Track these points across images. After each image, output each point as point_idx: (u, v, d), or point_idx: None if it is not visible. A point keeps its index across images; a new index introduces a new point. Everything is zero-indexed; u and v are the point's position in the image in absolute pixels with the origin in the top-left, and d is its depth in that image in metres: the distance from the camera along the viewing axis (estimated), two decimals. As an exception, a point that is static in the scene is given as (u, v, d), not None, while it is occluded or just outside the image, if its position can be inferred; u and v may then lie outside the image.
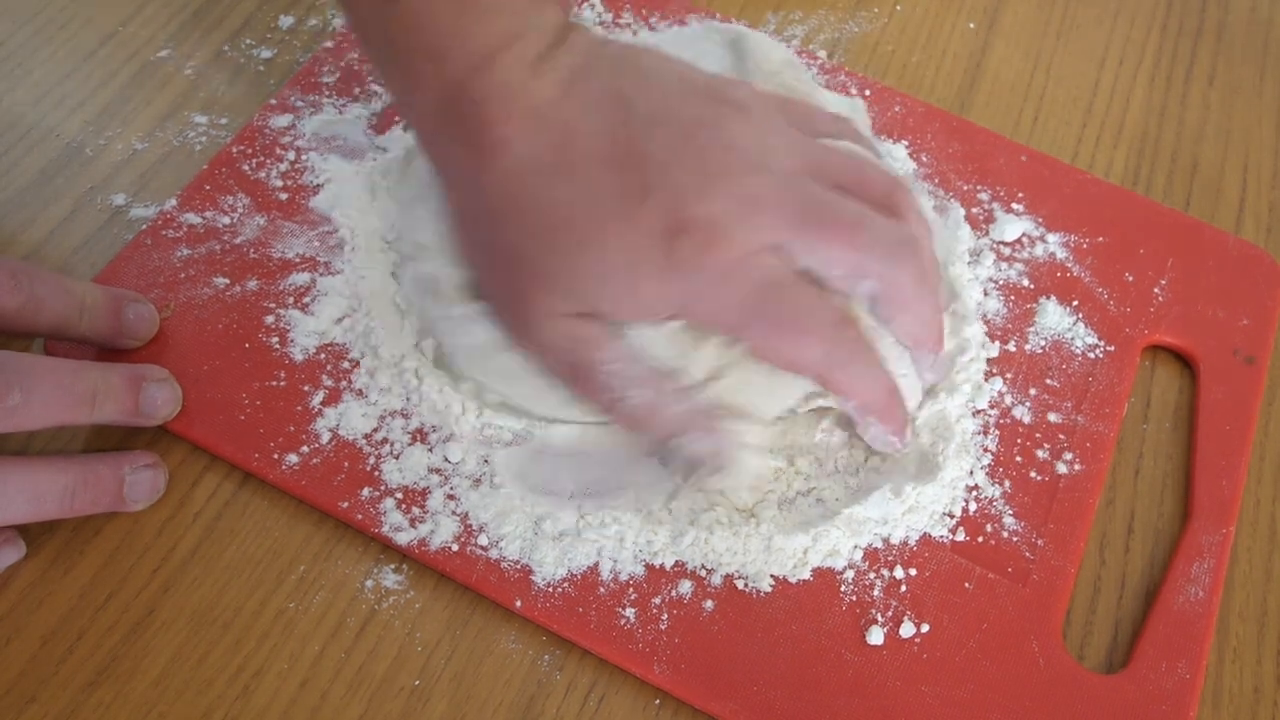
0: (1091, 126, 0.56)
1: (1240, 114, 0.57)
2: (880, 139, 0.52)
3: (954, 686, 0.39)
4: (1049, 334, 0.47)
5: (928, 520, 0.42)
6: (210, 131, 0.50)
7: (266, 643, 0.39)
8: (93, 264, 0.46)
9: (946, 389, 0.45)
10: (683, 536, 0.40)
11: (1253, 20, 0.61)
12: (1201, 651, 0.41)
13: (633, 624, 0.39)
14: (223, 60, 0.52)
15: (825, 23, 0.58)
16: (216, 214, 0.47)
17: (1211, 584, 0.42)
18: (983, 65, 0.58)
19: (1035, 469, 0.44)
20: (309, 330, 0.44)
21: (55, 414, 0.37)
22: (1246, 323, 0.49)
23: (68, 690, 0.37)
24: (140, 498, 0.40)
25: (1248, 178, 0.55)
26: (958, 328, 0.46)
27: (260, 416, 0.42)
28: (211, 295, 0.44)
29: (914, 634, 0.40)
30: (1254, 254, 0.51)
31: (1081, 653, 0.42)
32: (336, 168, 0.48)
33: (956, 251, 0.49)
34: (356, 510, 0.40)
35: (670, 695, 0.39)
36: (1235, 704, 0.41)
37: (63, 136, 0.49)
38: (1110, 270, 0.49)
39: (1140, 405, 0.47)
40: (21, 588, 0.39)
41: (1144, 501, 0.45)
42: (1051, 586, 0.41)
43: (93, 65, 0.52)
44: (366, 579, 0.40)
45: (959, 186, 0.51)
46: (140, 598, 0.39)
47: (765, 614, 0.40)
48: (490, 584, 0.39)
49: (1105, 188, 0.52)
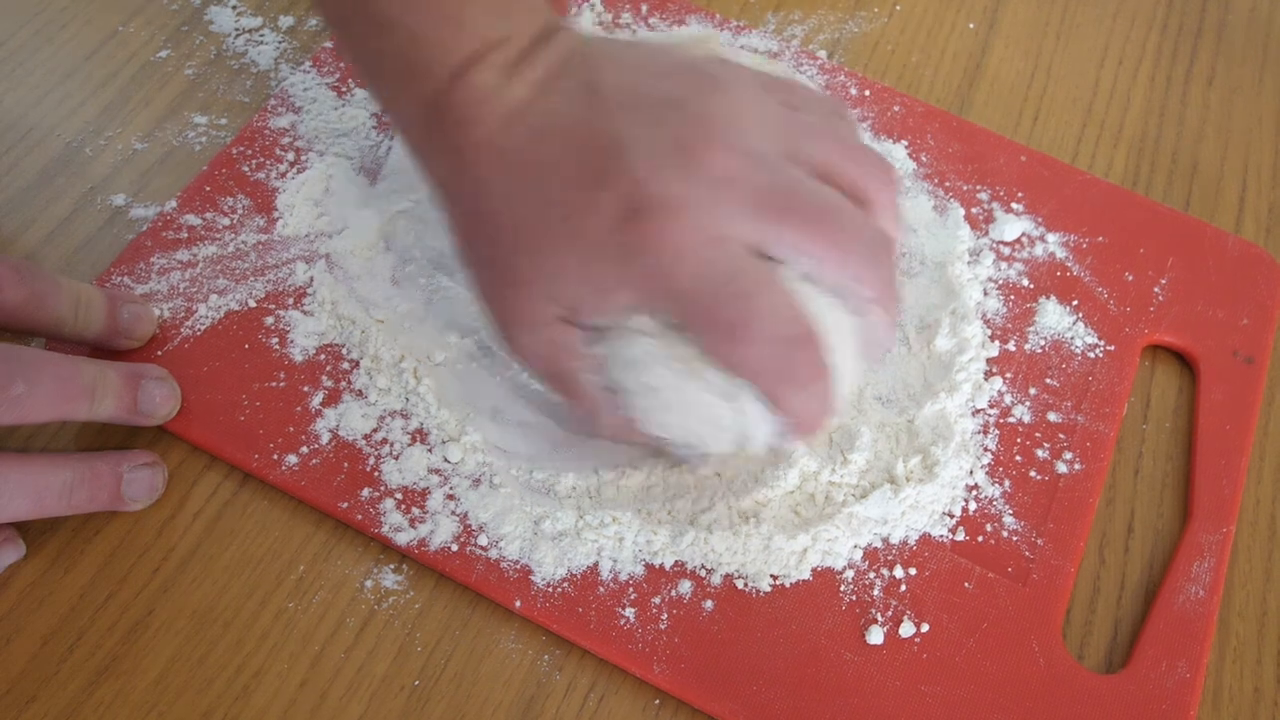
0: (1091, 126, 0.56)
1: (1240, 114, 0.57)
2: (880, 139, 0.52)
3: (954, 686, 0.39)
4: (1049, 333, 0.47)
5: (927, 520, 0.42)
6: (210, 132, 0.50)
7: (266, 643, 0.39)
8: (93, 264, 0.46)
9: (946, 388, 0.45)
10: (682, 536, 0.40)
11: (1252, 20, 0.61)
12: (1202, 651, 0.41)
13: (632, 624, 0.39)
14: (222, 60, 0.52)
15: (825, 23, 0.58)
16: (216, 215, 0.47)
17: (1212, 583, 0.42)
18: (982, 65, 0.58)
19: (1035, 468, 0.44)
20: (309, 331, 0.44)
21: (57, 406, 0.37)
22: (1246, 323, 0.49)
23: (68, 690, 0.37)
24: (139, 496, 0.40)
25: (1247, 178, 0.55)
26: (957, 327, 0.46)
27: (260, 417, 0.42)
28: (211, 296, 0.44)
29: (914, 634, 0.40)
30: (1254, 254, 0.51)
31: (1081, 652, 0.42)
32: (337, 168, 0.48)
33: (956, 251, 0.49)
34: (356, 510, 0.40)
35: (670, 695, 0.39)
36: (1235, 704, 0.41)
37: (63, 136, 0.49)
38: (1110, 270, 0.49)
39: (1140, 405, 0.47)
40: (22, 587, 0.39)
41: (1144, 501, 0.45)
42: (1051, 586, 0.41)
43: (93, 65, 0.52)
44: (366, 579, 0.40)
45: (959, 186, 0.51)
46: (140, 598, 0.39)
47: (765, 614, 0.40)
48: (490, 584, 0.39)
49: (1105, 187, 0.52)
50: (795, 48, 0.55)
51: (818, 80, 0.54)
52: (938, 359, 0.46)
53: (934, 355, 0.46)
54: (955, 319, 0.47)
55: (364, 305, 0.45)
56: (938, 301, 0.47)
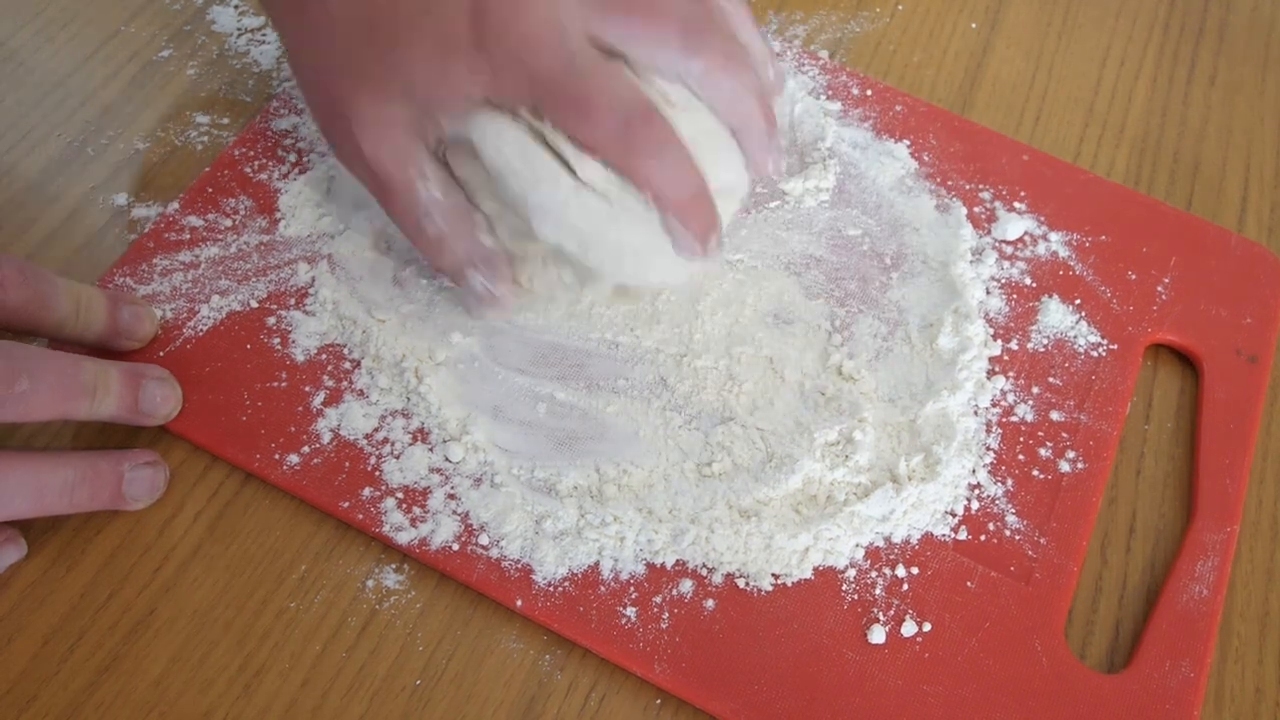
0: (1094, 126, 0.56)
1: (1242, 113, 0.57)
2: (883, 138, 0.52)
3: (956, 686, 0.39)
4: (1051, 332, 0.47)
5: (929, 519, 0.42)
6: (212, 132, 0.50)
7: (267, 642, 0.39)
8: (95, 264, 0.46)
9: (949, 387, 0.45)
10: (684, 535, 0.40)
11: (1254, 20, 0.61)
12: (1205, 651, 0.40)
13: (633, 623, 0.39)
14: (224, 60, 0.53)
15: (827, 23, 0.58)
16: (219, 216, 0.47)
17: (1215, 583, 0.42)
18: (984, 65, 0.58)
19: (1038, 468, 0.44)
20: (310, 331, 0.44)
21: (59, 404, 0.38)
22: (1249, 322, 0.49)
23: (69, 689, 0.37)
24: (140, 495, 0.40)
25: (1250, 177, 0.55)
26: (960, 326, 0.46)
27: (261, 417, 0.42)
28: (213, 297, 0.44)
29: (916, 633, 0.40)
30: (1257, 253, 0.51)
31: (1084, 652, 0.41)
32: (339, 169, 0.48)
33: (959, 250, 0.49)
34: (357, 510, 0.40)
35: (671, 695, 0.39)
36: (1237, 704, 0.41)
37: (64, 136, 0.49)
38: (1113, 269, 0.49)
39: (1143, 404, 0.47)
40: (23, 587, 0.39)
41: (1146, 501, 0.45)
42: (1054, 585, 0.41)
43: (94, 65, 0.52)
44: (367, 579, 0.40)
45: (961, 186, 0.51)
46: (141, 597, 0.39)
47: (766, 613, 0.40)
48: (491, 583, 0.39)
49: (1107, 187, 0.52)
50: (797, 48, 0.55)
51: (819, 80, 0.54)
52: (940, 358, 0.46)
53: (936, 354, 0.46)
54: (958, 318, 0.46)
55: (366, 306, 0.45)
56: (940, 300, 0.47)
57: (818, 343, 0.46)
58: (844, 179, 0.51)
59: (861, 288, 0.48)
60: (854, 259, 0.49)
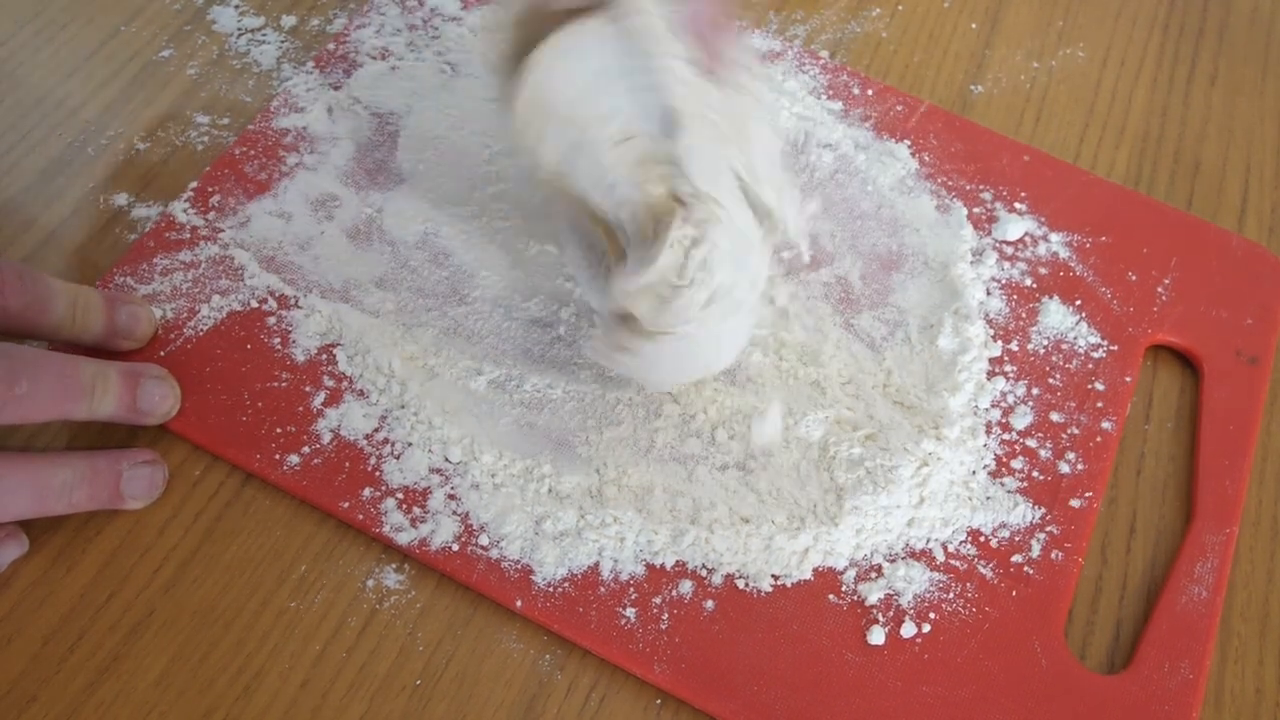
0: (1094, 126, 0.56)
1: (1242, 114, 0.57)
2: (883, 138, 0.52)
3: (955, 687, 0.39)
4: (1052, 333, 0.47)
5: (929, 520, 0.42)
6: (212, 131, 0.50)
7: (268, 642, 0.39)
8: (95, 264, 0.46)
9: (949, 388, 0.45)
10: (683, 536, 0.40)
11: (1254, 20, 0.61)
12: (1205, 652, 0.41)
13: (633, 624, 0.39)
14: (225, 60, 0.52)
15: (827, 23, 0.58)
16: (219, 216, 0.47)
17: (1215, 584, 0.42)
18: (985, 65, 0.58)
19: (1037, 468, 0.44)
20: (310, 331, 0.44)
21: (58, 404, 0.38)
22: (1250, 323, 0.49)
23: (69, 689, 0.37)
24: (139, 494, 0.40)
25: (1250, 177, 0.55)
26: (960, 327, 0.46)
27: (262, 417, 0.42)
28: (214, 297, 0.44)
29: (915, 634, 0.40)
30: (1257, 253, 0.51)
31: (1083, 653, 0.41)
32: (339, 169, 0.48)
33: (959, 251, 0.49)
34: (357, 510, 0.40)
35: (670, 695, 0.39)
36: (1237, 705, 0.41)
37: (65, 136, 0.49)
38: (1113, 270, 0.49)
39: (1143, 405, 0.47)
40: (23, 587, 0.39)
41: (1146, 501, 0.45)
42: (1053, 586, 0.41)
43: (94, 65, 0.52)
44: (368, 579, 0.40)
45: (961, 186, 0.51)
46: (142, 597, 0.39)
47: (766, 614, 0.40)
48: (491, 584, 0.39)
49: (1108, 187, 0.52)
50: (798, 48, 0.55)
51: (819, 80, 0.54)
52: (940, 358, 0.46)
53: (937, 355, 0.46)
54: (958, 319, 0.46)
55: (366, 306, 0.45)
56: (940, 301, 0.47)
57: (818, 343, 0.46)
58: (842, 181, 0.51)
59: (862, 288, 0.48)
60: (854, 259, 0.49)
